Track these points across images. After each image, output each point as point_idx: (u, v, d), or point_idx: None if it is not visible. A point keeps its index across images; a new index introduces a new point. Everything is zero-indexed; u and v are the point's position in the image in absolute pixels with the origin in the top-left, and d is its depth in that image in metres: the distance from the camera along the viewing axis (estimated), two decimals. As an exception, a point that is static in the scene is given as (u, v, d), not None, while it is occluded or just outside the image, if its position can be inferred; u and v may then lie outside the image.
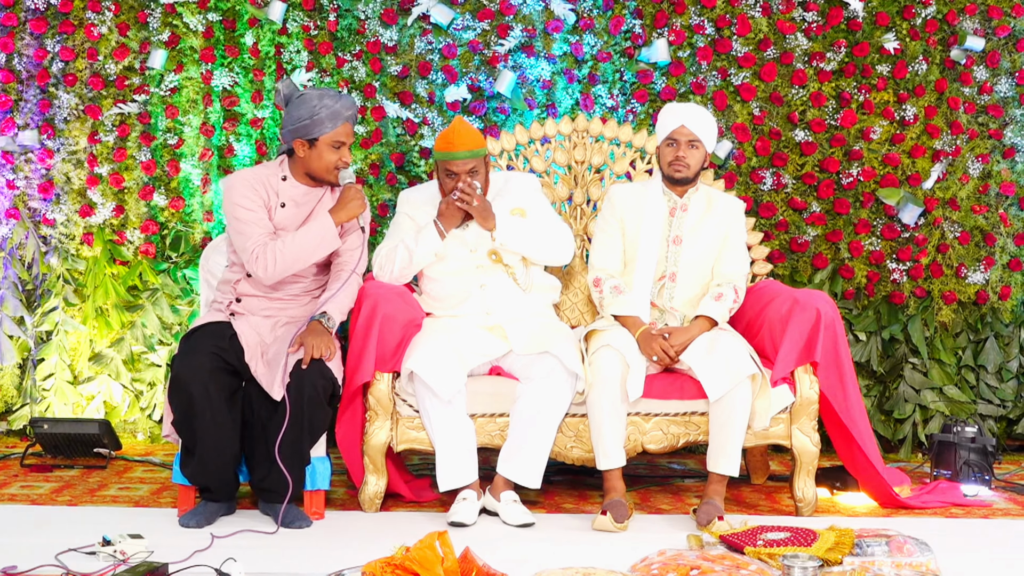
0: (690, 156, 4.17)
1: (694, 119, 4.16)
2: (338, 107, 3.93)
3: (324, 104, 3.92)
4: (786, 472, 4.59)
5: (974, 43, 5.10)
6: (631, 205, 4.28)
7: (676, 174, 4.19)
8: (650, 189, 4.29)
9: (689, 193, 4.27)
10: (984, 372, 5.16)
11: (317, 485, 3.85)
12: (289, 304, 3.99)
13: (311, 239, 3.89)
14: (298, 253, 3.88)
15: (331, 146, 3.94)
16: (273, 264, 3.88)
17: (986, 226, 5.18)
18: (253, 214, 3.95)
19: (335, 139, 3.94)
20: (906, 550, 3.14)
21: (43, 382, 5.19)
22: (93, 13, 5.13)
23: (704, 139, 4.17)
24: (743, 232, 4.33)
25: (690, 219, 4.24)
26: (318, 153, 3.95)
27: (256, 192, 3.99)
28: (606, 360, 3.91)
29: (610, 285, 4.20)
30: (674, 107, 4.24)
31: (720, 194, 4.34)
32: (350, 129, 3.97)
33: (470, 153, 4.14)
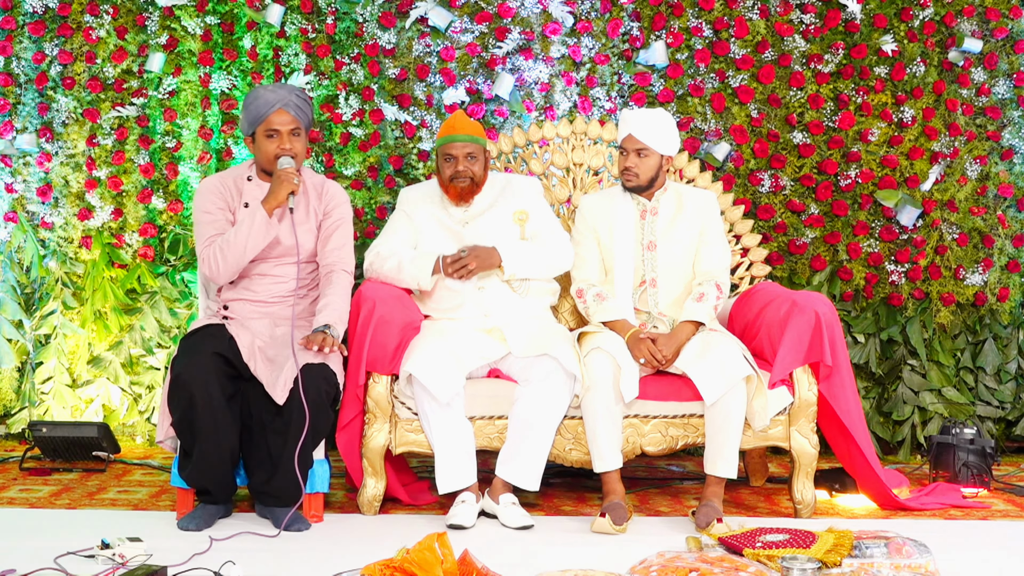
0: (639, 165, 4.17)
1: (641, 128, 4.14)
2: (268, 96, 3.91)
3: (256, 95, 3.93)
4: (785, 474, 4.59)
5: (972, 45, 5.10)
6: (601, 213, 4.28)
7: (627, 183, 4.21)
8: (618, 195, 4.29)
9: (657, 195, 4.26)
10: (983, 374, 5.16)
11: (316, 488, 3.84)
12: (276, 305, 3.98)
13: (243, 231, 3.85)
14: (236, 247, 3.85)
15: (265, 135, 3.92)
16: (216, 262, 3.87)
17: (984, 228, 5.19)
18: (209, 216, 3.96)
19: (267, 128, 3.91)
20: (905, 552, 3.14)
21: (42, 385, 5.19)
22: (91, 16, 5.14)
23: (654, 145, 4.15)
24: (719, 224, 4.31)
25: (661, 222, 4.24)
26: (257, 146, 3.96)
27: (219, 195, 3.99)
28: (598, 363, 3.91)
29: (592, 294, 4.20)
30: (624, 115, 4.21)
31: (691, 190, 4.34)
32: (285, 117, 3.91)
33: (470, 137, 4.16)
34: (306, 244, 4.00)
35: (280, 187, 3.86)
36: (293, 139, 3.94)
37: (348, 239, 4.08)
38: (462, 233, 4.24)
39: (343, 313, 3.91)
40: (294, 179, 3.86)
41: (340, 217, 4.07)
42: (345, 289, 3.96)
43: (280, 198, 3.86)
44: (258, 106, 3.91)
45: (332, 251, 4.02)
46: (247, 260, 3.89)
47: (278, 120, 3.91)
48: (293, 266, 3.98)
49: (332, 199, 4.09)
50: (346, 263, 4.02)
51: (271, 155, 3.92)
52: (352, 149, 5.14)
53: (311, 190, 4.08)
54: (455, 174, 4.17)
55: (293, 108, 3.92)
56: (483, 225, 4.25)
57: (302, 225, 4.00)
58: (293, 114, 3.92)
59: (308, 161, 5.11)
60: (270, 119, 3.90)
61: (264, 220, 3.84)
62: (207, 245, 3.91)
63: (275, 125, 3.91)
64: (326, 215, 4.06)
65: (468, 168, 4.18)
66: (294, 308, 3.90)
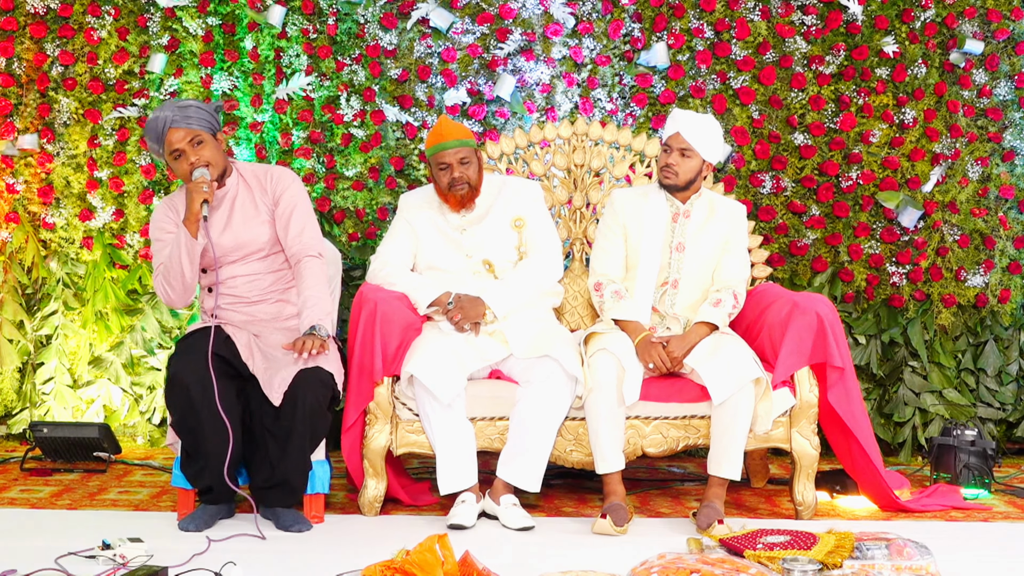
0: (680, 164, 4.16)
1: (690, 128, 4.13)
2: (154, 124, 3.85)
3: (148, 127, 3.87)
4: (786, 475, 4.59)
5: (973, 46, 5.10)
6: (633, 210, 4.27)
7: (664, 180, 4.20)
8: (652, 194, 4.28)
9: (692, 199, 4.26)
10: (984, 375, 5.16)
11: (317, 489, 3.84)
12: (259, 304, 3.97)
13: (176, 253, 3.81)
14: (174, 270, 3.83)
15: (172, 158, 3.88)
16: (165, 290, 3.88)
17: (985, 229, 5.18)
18: (160, 243, 3.94)
19: (170, 150, 3.86)
20: (906, 553, 3.14)
21: (43, 386, 5.19)
22: (93, 17, 5.14)
23: (699, 148, 4.14)
24: (744, 237, 4.32)
25: (693, 225, 4.24)
26: (174, 169, 3.91)
27: (167, 219, 3.97)
28: (602, 364, 3.91)
29: (611, 290, 4.20)
30: (676, 114, 4.20)
31: (722, 199, 4.34)
32: (179, 133, 3.83)
33: (459, 142, 4.16)
34: (260, 235, 3.96)
35: (192, 200, 3.81)
36: (197, 149, 3.86)
37: (307, 221, 4.00)
38: (460, 240, 4.25)
39: (325, 304, 3.87)
40: (203, 187, 3.80)
41: (291, 200, 3.99)
42: (319, 276, 3.92)
43: (195, 209, 3.80)
44: (151, 135, 3.87)
45: (295, 238, 3.96)
46: (191, 280, 3.85)
47: (175, 139, 3.84)
48: (261, 261, 3.96)
49: (277, 184, 4.02)
50: (312, 247, 3.95)
51: (186, 174, 3.86)
52: (353, 150, 5.14)
53: (253, 181, 4.02)
54: (452, 181, 4.17)
55: (182, 121, 3.83)
56: (481, 232, 4.26)
57: (247, 216, 3.95)
58: (184, 127, 3.84)
59: (308, 162, 5.11)
60: (168, 141, 3.85)
61: (187, 238, 3.80)
62: (156, 275, 3.92)
63: (175, 145, 3.84)
64: (276, 202, 3.99)
65: (464, 174, 4.17)
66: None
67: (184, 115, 3.83)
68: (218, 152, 3.92)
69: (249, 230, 3.96)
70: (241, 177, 4.03)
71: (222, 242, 3.91)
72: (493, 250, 4.25)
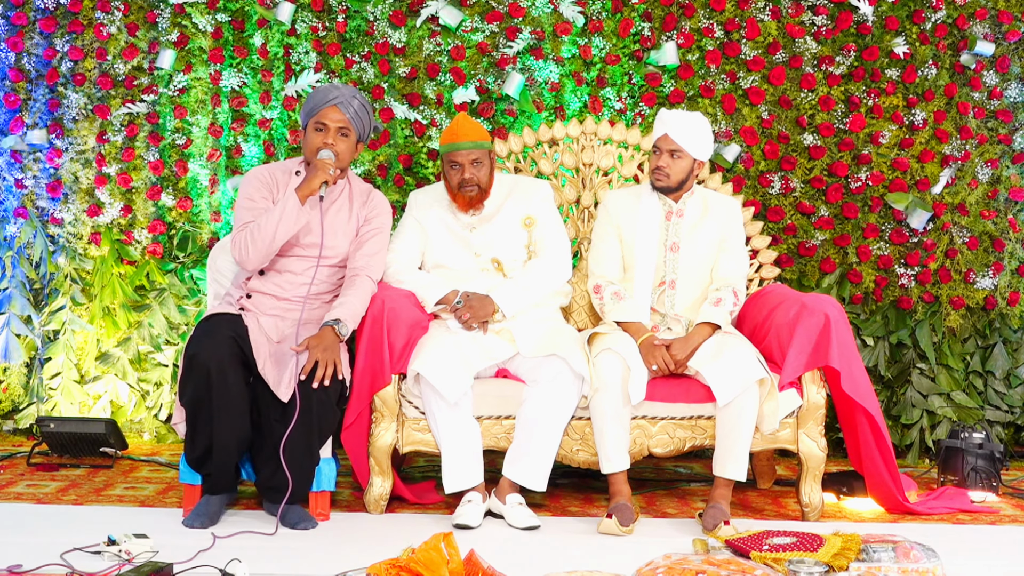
0: (671, 166, 4.16)
1: (678, 129, 4.13)
2: (328, 92, 3.95)
3: (318, 90, 3.98)
4: (792, 477, 4.58)
5: (984, 48, 5.08)
6: (626, 211, 4.27)
7: (656, 183, 4.20)
8: (645, 194, 4.28)
9: (684, 198, 4.25)
10: (992, 378, 5.15)
11: (323, 486, 3.85)
12: (297, 306, 3.96)
13: (275, 216, 3.85)
14: (266, 231, 3.84)
15: (314, 128, 3.96)
16: (246, 245, 3.88)
17: (995, 231, 5.17)
18: (250, 202, 3.98)
19: (317, 121, 3.95)
20: (913, 556, 3.13)
21: (50, 381, 5.20)
22: (102, 13, 5.14)
23: (689, 148, 4.14)
24: (741, 232, 4.31)
25: (686, 224, 4.23)
26: (305, 137, 4.00)
27: (264, 184, 4.03)
28: (607, 364, 3.90)
29: (610, 292, 4.20)
30: (663, 115, 4.20)
31: (716, 195, 4.33)
32: (337, 114, 3.94)
33: (474, 144, 4.16)
34: (339, 246, 4.02)
35: (315, 175, 3.87)
36: (339, 137, 3.95)
37: (382, 248, 4.10)
38: (470, 238, 4.25)
39: (357, 314, 3.89)
40: (329, 170, 3.88)
41: (379, 226, 4.09)
42: (366, 293, 3.96)
43: (314, 186, 3.87)
44: (316, 99, 3.96)
45: (364, 256, 4.03)
46: (277, 245, 3.88)
47: (329, 115, 3.94)
48: (325, 268, 3.99)
49: (375, 207, 4.12)
50: (373, 270, 4.02)
51: (314, 147, 3.95)
52: (362, 147, 5.14)
53: (357, 196, 4.11)
54: (462, 182, 4.17)
55: (348, 109, 3.95)
56: (490, 231, 4.26)
57: (338, 225, 4.02)
58: (345, 114, 3.95)
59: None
60: (322, 112, 3.94)
61: (295, 205, 3.84)
62: (240, 230, 3.92)
63: (325, 119, 3.94)
64: (367, 221, 4.08)
65: (475, 175, 4.18)
66: (303, 308, 3.89)
67: (352, 104, 3.96)
68: (350, 154, 4.02)
69: (333, 237, 3.99)
70: (349, 187, 4.11)
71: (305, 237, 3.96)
72: (502, 249, 4.25)
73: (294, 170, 4.08)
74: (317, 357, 3.70)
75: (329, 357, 3.70)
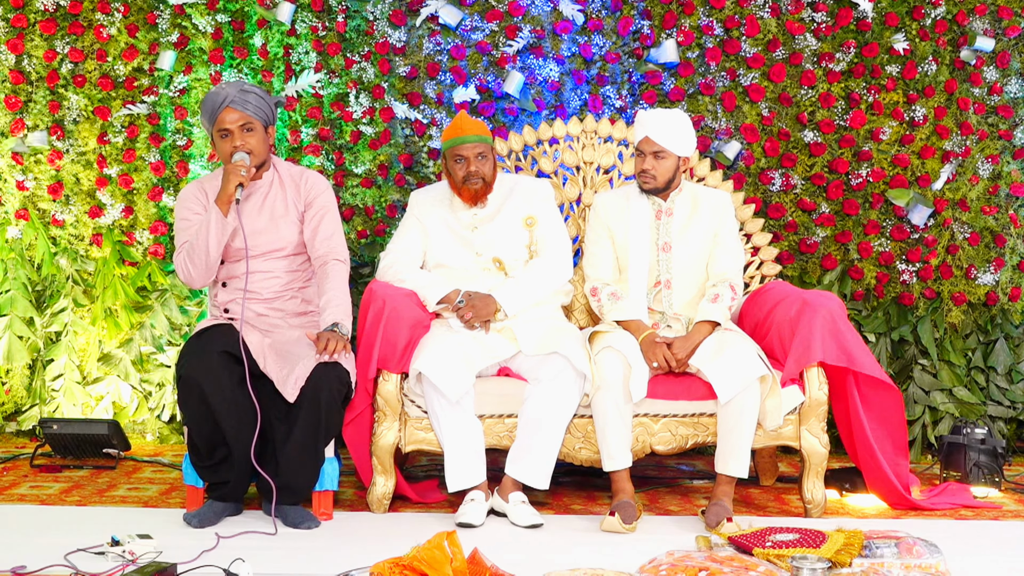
0: (656, 167, 4.15)
1: (658, 130, 4.11)
2: (216, 96, 3.88)
3: (207, 97, 3.91)
4: (795, 473, 4.58)
5: (984, 44, 5.08)
6: (616, 212, 4.27)
7: (644, 185, 4.19)
8: (634, 195, 4.27)
9: (672, 196, 4.25)
10: (994, 373, 5.15)
11: (325, 486, 3.85)
12: (274, 302, 3.97)
13: (203, 231, 3.81)
14: (199, 248, 3.82)
15: (219, 136, 3.90)
16: (186, 267, 3.87)
17: (996, 227, 5.17)
18: (185, 223, 3.95)
19: (219, 128, 3.89)
20: (915, 552, 3.13)
21: (52, 383, 5.21)
22: (102, 14, 5.15)
23: (671, 147, 4.13)
24: (733, 224, 4.30)
25: (676, 223, 4.23)
26: (216, 147, 3.94)
27: (195, 200, 3.98)
28: (609, 362, 3.90)
29: (607, 293, 4.20)
30: (642, 117, 4.18)
31: (705, 191, 4.33)
32: (234, 114, 3.86)
33: (478, 137, 4.17)
34: (287, 235, 3.99)
35: (228, 181, 3.81)
36: (245, 135, 3.88)
37: (336, 226, 4.04)
38: (471, 237, 4.25)
39: (347, 307, 3.88)
40: (241, 171, 3.82)
41: (323, 205, 4.03)
42: (343, 279, 3.94)
43: (229, 191, 3.80)
44: (207, 108, 3.89)
45: (323, 241, 3.99)
46: (215, 259, 3.85)
47: (228, 119, 3.87)
48: (281, 260, 3.98)
49: (312, 188, 4.05)
50: (338, 251, 3.99)
51: (227, 154, 3.88)
52: (362, 147, 5.14)
53: (288, 181, 4.05)
54: (468, 175, 4.18)
55: (240, 104, 3.86)
56: (492, 230, 4.26)
57: (277, 215, 3.98)
58: (241, 110, 3.86)
59: (317, 159, 5.11)
60: (220, 119, 3.87)
61: (218, 216, 3.80)
62: (178, 252, 3.91)
63: (225, 124, 3.87)
64: (308, 205, 4.02)
65: (479, 168, 4.18)
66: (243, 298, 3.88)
67: (244, 99, 3.87)
68: (264, 144, 3.95)
69: (277, 229, 3.98)
70: (277, 174, 4.05)
71: (249, 235, 3.92)
72: (503, 248, 4.25)
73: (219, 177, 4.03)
74: (326, 336, 3.71)
75: (337, 338, 3.72)
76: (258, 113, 3.90)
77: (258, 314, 3.94)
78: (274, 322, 3.94)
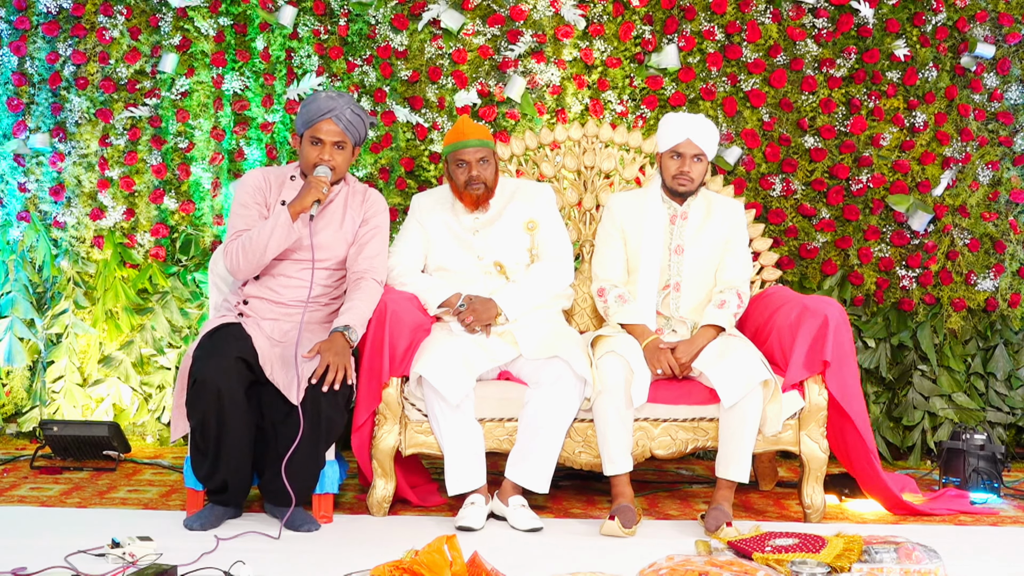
0: (694, 170, 4.16)
1: (699, 133, 4.13)
2: (323, 103, 3.92)
3: (314, 99, 3.95)
4: (794, 478, 4.58)
5: (984, 50, 5.09)
6: (631, 214, 4.27)
7: (680, 187, 4.19)
8: (649, 197, 4.28)
9: (689, 200, 4.26)
10: (993, 379, 5.15)
11: (326, 489, 3.85)
12: (295, 311, 3.96)
13: (267, 230, 3.85)
14: (257, 244, 3.85)
15: (310, 141, 3.94)
16: (237, 257, 3.88)
17: (996, 233, 5.18)
18: (244, 210, 3.97)
19: (313, 134, 3.93)
20: (915, 557, 3.14)
21: (53, 384, 5.21)
22: (105, 17, 5.16)
23: (708, 151, 4.16)
24: (745, 235, 4.32)
25: (691, 227, 4.24)
26: (302, 148, 3.98)
27: (259, 190, 4.01)
28: (610, 367, 3.91)
29: (615, 295, 4.20)
30: (679, 119, 4.19)
31: (719, 198, 4.34)
32: (332, 127, 3.92)
33: (480, 142, 4.18)
34: (336, 250, 4.02)
35: (308, 193, 3.86)
36: (335, 151, 3.94)
37: (383, 248, 4.08)
38: (472, 241, 4.25)
39: (365, 318, 3.89)
40: (323, 188, 3.87)
41: (377, 225, 4.08)
42: (373, 297, 3.95)
43: (306, 203, 3.86)
44: (311, 111, 3.93)
45: (366, 259, 4.01)
46: (268, 259, 3.89)
47: (325, 129, 3.92)
48: (320, 271, 3.98)
49: (372, 206, 4.10)
50: (377, 272, 4.01)
51: (311, 161, 3.94)
52: (364, 151, 5.15)
53: (352, 196, 4.10)
54: (469, 179, 4.18)
55: (343, 121, 3.92)
56: (493, 234, 4.26)
57: (333, 228, 4.01)
58: (341, 127, 3.92)
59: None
60: (318, 126, 3.92)
61: (287, 221, 3.84)
62: (232, 239, 3.92)
63: (320, 134, 3.92)
64: (364, 222, 4.07)
65: (481, 173, 4.19)
66: (304, 312, 3.89)
67: (348, 117, 3.93)
68: (347, 163, 4.01)
69: (330, 242, 4.00)
70: (347, 187, 4.10)
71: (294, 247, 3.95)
72: (505, 252, 4.26)
73: (290, 175, 4.07)
74: (328, 361, 3.70)
75: (340, 362, 3.71)
76: (352, 132, 3.97)
77: (273, 318, 3.94)
78: (284, 327, 3.93)
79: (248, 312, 3.95)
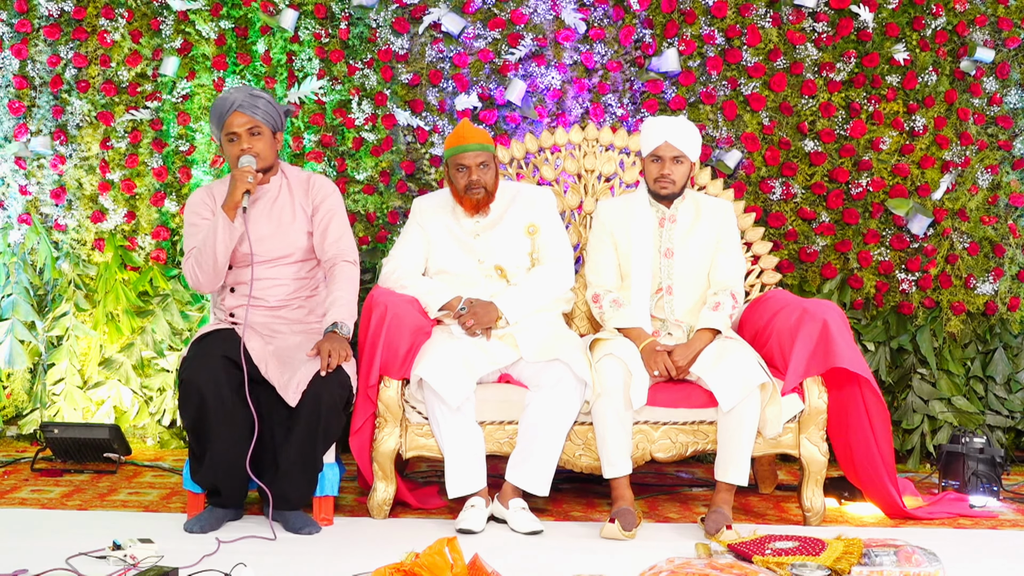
0: (675, 172, 4.17)
1: (677, 135, 4.14)
2: (222, 102, 3.91)
3: (216, 102, 3.94)
4: (794, 481, 4.59)
5: (984, 54, 5.10)
6: (619, 219, 4.28)
7: (662, 191, 4.20)
8: (637, 202, 4.29)
9: (676, 203, 4.27)
10: (992, 383, 5.16)
11: (326, 491, 3.85)
12: (280, 310, 3.98)
13: (211, 237, 3.85)
14: (207, 254, 3.85)
15: (227, 140, 3.93)
16: (195, 272, 3.90)
17: (995, 237, 5.18)
18: (193, 228, 3.97)
19: (227, 132, 3.92)
20: (914, 560, 3.14)
21: (53, 387, 5.21)
22: (106, 20, 5.16)
23: (688, 153, 4.16)
24: (735, 233, 4.32)
25: (679, 230, 4.24)
26: (223, 150, 3.97)
27: (204, 205, 4.01)
28: (609, 369, 3.92)
29: (609, 300, 4.21)
30: (657, 122, 4.20)
31: (708, 198, 4.35)
32: (241, 118, 3.90)
33: (480, 146, 4.19)
34: (296, 241, 4.01)
35: (236, 187, 3.85)
36: (252, 139, 3.92)
37: (345, 228, 4.06)
38: (473, 245, 4.26)
39: (352, 306, 3.91)
40: (247, 177, 3.85)
41: (330, 208, 4.05)
42: (352, 280, 3.96)
43: (236, 197, 3.85)
44: (217, 113, 3.92)
45: (332, 244, 4.01)
46: (222, 264, 3.88)
47: (235, 122, 3.90)
48: (289, 266, 3.99)
49: (319, 192, 4.07)
50: (347, 253, 4.01)
51: (234, 158, 3.92)
52: (364, 154, 5.16)
53: (296, 186, 4.07)
54: (470, 184, 4.19)
55: (248, 108, 3.90)
56: (494, 237, 4.27)
57: (289, 224, 4.00)
58: (249, 114, 3.90)
59: (319, 166, 5.12)
60: (228, 122, 3.91)
61: (225, 222, 3.84)
62: (187, 258, 3.94)
63: (233, 128, 3.91)
64: (315, 209, 4.05)
65: (481, 177, 4.20)
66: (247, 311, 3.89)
67: (252, 103, 3.91)
68: (271, 149, 3.98)
69: (285, 235, 4.00)
70: (285, 179, 4.08)
71: (257, 241, 3.93)
72: (505, 256, 4.27)
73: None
74: (326, 348, 3.72)
75: (337, 348, 3.73)
76: (266, 118, 3.93)
77: (263, 321, 3.95)
78: (277, 328, 3.95)
79: (238, 321, 3.94)
